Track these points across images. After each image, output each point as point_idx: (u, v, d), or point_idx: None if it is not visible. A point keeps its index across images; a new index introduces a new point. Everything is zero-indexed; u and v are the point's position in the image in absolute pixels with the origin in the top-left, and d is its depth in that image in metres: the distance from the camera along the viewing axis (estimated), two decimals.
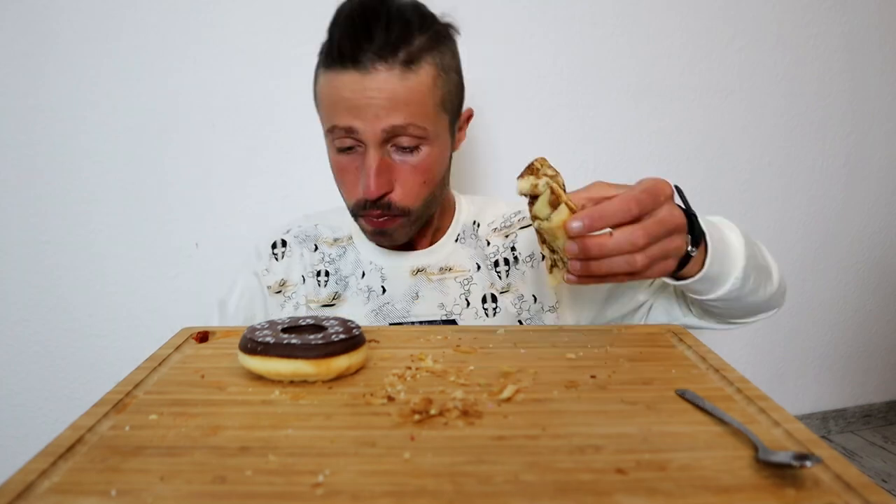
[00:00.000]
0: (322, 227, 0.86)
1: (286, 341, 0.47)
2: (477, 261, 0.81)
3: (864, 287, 1.79)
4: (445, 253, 0.81)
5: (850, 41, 1.60)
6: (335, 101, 0.67)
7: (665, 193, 0.51)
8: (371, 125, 0.66)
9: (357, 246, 0.83)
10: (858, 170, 1.70)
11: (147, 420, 0.42)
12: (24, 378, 1.28)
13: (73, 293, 1.26)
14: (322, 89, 0.70)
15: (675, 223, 0.52)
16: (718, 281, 0.61)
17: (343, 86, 0.66)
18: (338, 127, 0.68)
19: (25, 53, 1.17)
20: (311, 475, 0.34)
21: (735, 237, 0.62)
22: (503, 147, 1.41)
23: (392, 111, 0.66)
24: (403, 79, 0.66)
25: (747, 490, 0.33)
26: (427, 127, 0.68)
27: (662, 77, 1.49)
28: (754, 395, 0.44)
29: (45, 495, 0.33)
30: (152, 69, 1.22)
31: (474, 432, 0.39)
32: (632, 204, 0.49)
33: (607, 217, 0.49)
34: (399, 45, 0.65)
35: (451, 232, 0.83)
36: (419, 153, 0.69)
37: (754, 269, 0.63)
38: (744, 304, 0.66)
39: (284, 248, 0.84)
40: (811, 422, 1.83)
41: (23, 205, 1.21)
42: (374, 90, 0.65)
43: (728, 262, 0.60)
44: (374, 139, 0.67)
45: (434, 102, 0.69)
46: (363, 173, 0.68)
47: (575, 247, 0.50)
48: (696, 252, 0.56)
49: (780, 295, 0.72)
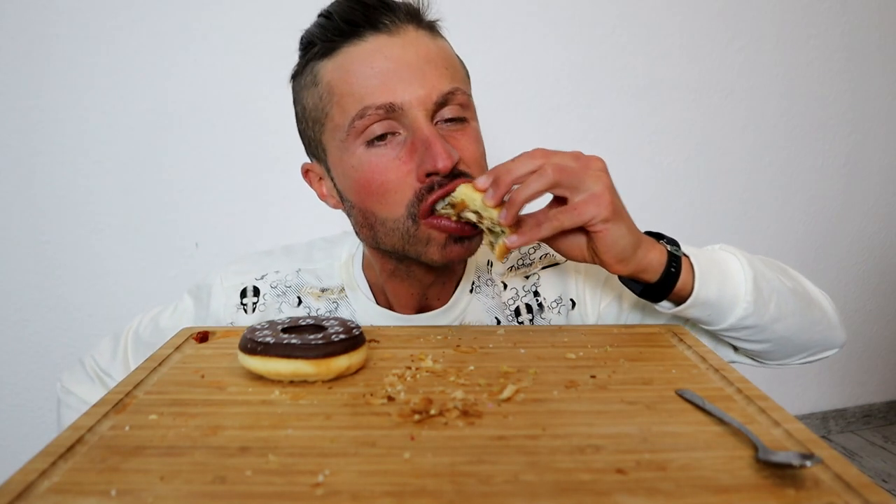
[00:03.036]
0: (306, 275, 0.69)
1: (286, 341, 0.47)
2: (496, 314, 0.68)
3: (864, 287, 1.79)
4: (460, 309, 0.67)
5: (850, 41, 1.60)
6: (361, 75, 0.55)
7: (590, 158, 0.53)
8: (418, 96, 0.54)
9: (352, 302, 0.68)
10: (858, 170, 1.70)
11: (147, 420, 0.42)
12: (24, 378, 1.28)
13: (73, 293, 1.26)
14: (331, 76, 0.57)
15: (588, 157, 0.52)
16: (722, 306, 0.56)
17: (368, 55, 0.55)
18: (372, 107, 0.55)
19: (25, 53, 1.17)
20: (311, 475, 0.34)
21: (734, 260, 0.58)
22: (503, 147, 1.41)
23: (436, 74, 0.55)
24: (434, 39, 0.58)
25: (747, 490, 0.33)
26: (469, 95, 0.60)
27: (662, 77, 1.49)
28: (754, 395, 0.44)
29: (45, 495, 0.33)
30: (152, 70, 1.22)
31: (474, 432, 0.39)
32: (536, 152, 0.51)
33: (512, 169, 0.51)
34: (418, 10, 0.58)
35: (465, 280, 0.69)
36: (469, 125, 0.59)
37: (774, 292, 0.58)
38: (778, 336, 0.60)
39: (257, 298, 0.68)
40: (811, 422, 1.83)
41: (23, 205, 1.21)
42: (411, 53, 0.55)
43: (729, 284, 0.56)
44: (423, 112, 0.55)
45: (465, 72, 0.61)
46: (421, 152, 0.55)
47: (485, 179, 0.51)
48: (678, 262, 0.55)
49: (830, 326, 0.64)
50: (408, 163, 0.56)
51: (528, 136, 1.43)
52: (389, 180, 0.56)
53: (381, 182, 0.57)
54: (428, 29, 0.59)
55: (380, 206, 0.58)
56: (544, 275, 0.69)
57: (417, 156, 0.55)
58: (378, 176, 0.57)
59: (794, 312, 0.60)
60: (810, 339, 0.63)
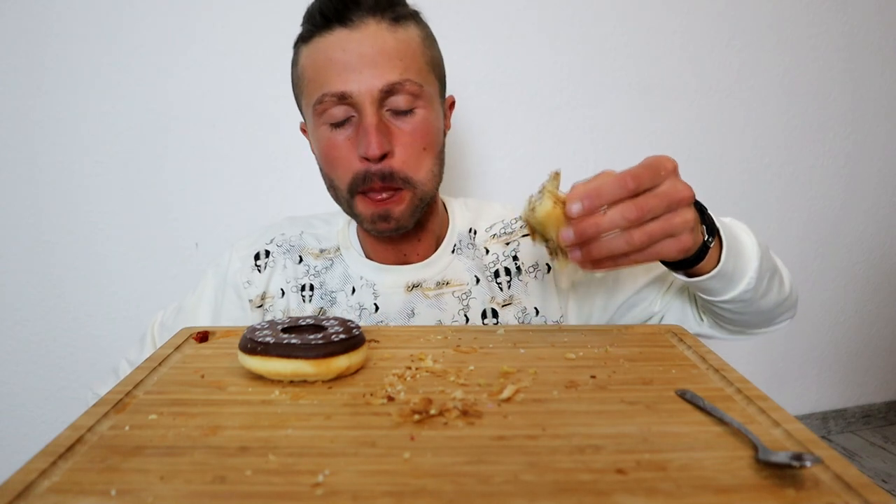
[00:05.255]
0: (307, 237, 0.79)
1: (286, 341, 0.47)
2: (476, 273, 0.75)
3: (864, 287, 1.79)
4: (442, 265, 0.75)
5: (850, 41, 1.60)
6: (323, 65, 0.63)
7: (666, 168, 0.50)
8: (365, 84, 0.62)
9: (345, 258, 0.77)
10: (858, 170, 1.70)
11: (147, 420, 0.42)
12: (24, 378, 1.28)
13: (73, 293, 1.26)
14: (304, 61, 0.66)
15: (679, 196, 0.49)
16: (734, 279, 0.60)
17: (330, 47, 0.63)
18: (328, 94, 0.63)
19: (25, 53, 1.17)
20: (310, 475, 0.34)
21: (747, 236, 0.62)
22: (503, 147, 1.41)
23: (386, 66, 0.62)
24: (393, 31, 0.64)
25: (747, 490, 0.33)
26: (422, 84, 0.65)
27: (662, 77, 1.49)
28: (754, 395, 0.44)
29: (44, 495, 0.33)
30: (152, 69, 1.22)
31: (474, 432, 0.39)
32: (627, 179, 0.48)
33: (604, 194, 0.48)
34: (386, 5, 0.64)
35: (448, 242, 0.77)
36: (416, 116, 0.66)
37: (767, 270, 0.62)
38: (756, 309, 0.65)
39: (268, 258, 0.78)
40: (811, 422, 1.83)
41: (23, 205, 1.21)
42: (366, 45, 0.62)
43: (742, 259, 0.59)
44: (370, 99, 0.63)
45: (425, 60, 0.67)
46: (361, 137, 0.64)
47: (571, 233, 0.49)
48: (712, 242, 0.56)
49: (791, 302, 0.70)
50: (353, 143, 0.65)
51: (528, 136, 1.43)
52: (339, 157, 0.66)
53: (335, 157, 0.67)
54: (391, 21, 0.64)
55: (334, 175, 0.68)
56: (524, 242, 0.77)
57: (358, 140, 0.64)
58: (332, 151, 0.66)
59: (773, 288, 0.65)
60: (777, 312, 0.69)
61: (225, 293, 0.78)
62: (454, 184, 1.39)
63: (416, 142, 0.66)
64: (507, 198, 1.30)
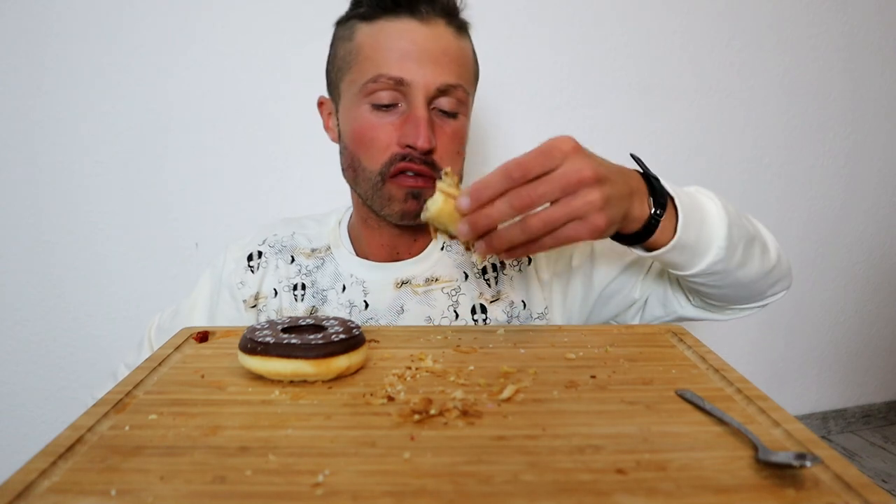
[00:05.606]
0: (299, 237, 0.80)
1: (286, 341, 0.47)
2: (464, 269, 0.76)
3: (864, 287, 1.79)
4: (431, 262, 0.76)
5: (850, 41, 1.60)
6: (386, 47, 0.64)
7: (561, 150, 0.47)
8: (424, 78, 0.63)
9: (336, 257, 0.77)
10: (858, 170, 1.70)
11: (147, 420, 0.42)
12: (24, 378, 1.28)
13: (73, 293, 1.26)
14: (364, 39, 0.66)
15: (578, 177, 0.47)
16: (698, 251, 0.58)
17: (398, 32, 0.64)
18: (385, 77, 0.64)
19: (25, 53, 1.17)
20: (310, 475, 0.34)
21: (712, 204, 0.59)
22: (503, 147, 1.41)
23: (447, 67, 0.64)
24: (458, 37, 0.66)
25: (747, 490, 0.33)
26: (470, 94, 0.67)
27: (662, 77, 1.49)
28: (754, 395, 0.44)
29: (44, 495, 0.33)
30: (152, 69, 1.22)
31: (474, 432, 0.39)
32: (511, 168, 0.46)
33: (490, 185, 0.46)
34: (455, 10, 0.67)
35: (437, 241, 0.77)
36: (458, 121, 0.68)
37: (741, 238, 0.60)
38: (735, 281, 0.63)
39: (260, 259, 0.79)
40: (811, 422, 1.83)
41: (23, 205, 1.21)
42: (433, 41, 0.64)
43: (706, 228, 0.57)
44: (424, 92, 0.64)
45: (475, 74, 0.69)
46: (410, 127, 0.64)
47: (465, 227, 0.48)
48: (662, 215, 0.54)
49: (782, 272, 0.67)
50: (397, 130, 0.66)
51: (528, 135, 1.42)
52: (377, 138, 0.66)
53: (371, 137, 0.67)
54: (456, 28, 0.67)
55: (364, 156, 0.68)
56: None
57: (406, 128, 0.65)
58: (370, 132, 0.67)
59: (754, 257, 0.62)
60: (766, 284, 0.67)
61: (220, 294, 0.79)
62: None
63: (454, 144, 0.68)
64: None
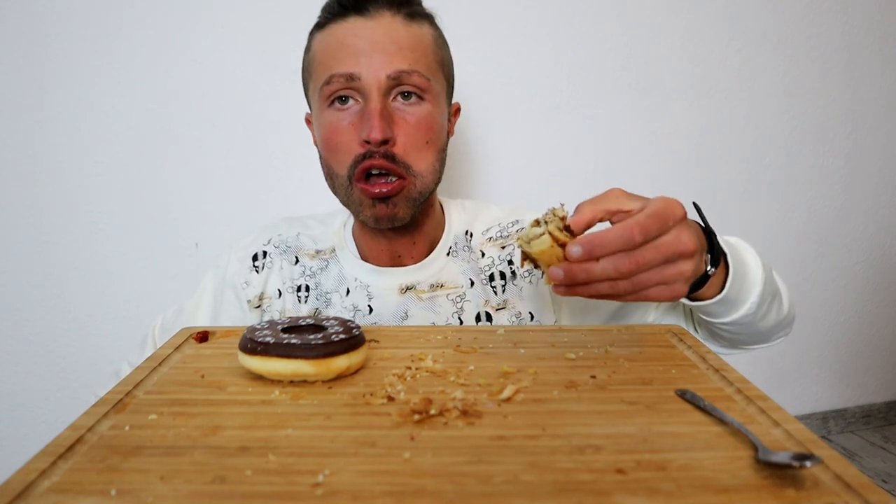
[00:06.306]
0: (304, 238, 0.79)
1: (286, 341, 0.47)
2: (470, 276, 0.75)
3: (864, 287, 1.79)
4: (436, 268, 0.75)
5: (850, 41, 1.60)
6: (335, 48, 0.64)
7: (675, 217, 0.47)
8: (375, 71, 0.63)
9: (340, 259, 0.76)
10: (858, 170, 1.70)
11: (147, 420, 0.42)
12: (24, 378, 1.28)
13: (73, 293, 1.26)
14: (317, 46, 0.67)
15: (682, 249, 0.47)
16: (736, 304, 0.58)
17: (344, 32, 0.64)
18: (337, 75, 0.64)
19: (25, 53, 1.17)
20: (310, 475, 0.34)
21: (753, 259, 0.60)
22: (503, 147, 1.41)
23: (397, 55, 0.63)
24: (407, 25, 0.65)
25: (747, 490, 0.33)
26: (430, 78, 0.66)
27: (662, 77, 1.49)
28: (754, 395, 0.44)
29: (44, 495, 0.33)
30: (152, 69, 1.22)
31: (474, 432, 0.39)
32: (634, 231, 0.45)
33: (607, 245, 0.45)
34: (402, 0, 0.66)
35: (443, 244, 0.77)
36: (421, 108, 0.66)
37: (769, 293, 0.61)
38: (754, 331, 0.64)
39: (265, 259, 0.78)
40: (811, 422, 1.83)
41: (23, 205, 1.21)
42: (379, 33, 0.64)
43: (747, 284, 0.58)
44: (376, 84, 0.63)
45: (435, 58, 0.68)
46: (364, 121, 0.64)
47: (560, 273, 0.47)
48: (713, 272, 0.54)
49: (788, 321, 0.69)
50: (356, 128, 0.65)
51: (528, 136, 1.43)
52: (340, 141, 0.66)
53: (335, 141, 0.66)
54: (405, 16, 0.66)
55: (333, 161, 0.68)
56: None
57: (361, 123, 0.64)
58: (333, 135, 0.66)
59: (773, 310, 0.64)
60: (774, 332, 0.68)
61: (224, 294, 0.79)
62: (454, 184, 1.39)
63: (419, 133, 0.66)
64: (507, 198, 1.30)
